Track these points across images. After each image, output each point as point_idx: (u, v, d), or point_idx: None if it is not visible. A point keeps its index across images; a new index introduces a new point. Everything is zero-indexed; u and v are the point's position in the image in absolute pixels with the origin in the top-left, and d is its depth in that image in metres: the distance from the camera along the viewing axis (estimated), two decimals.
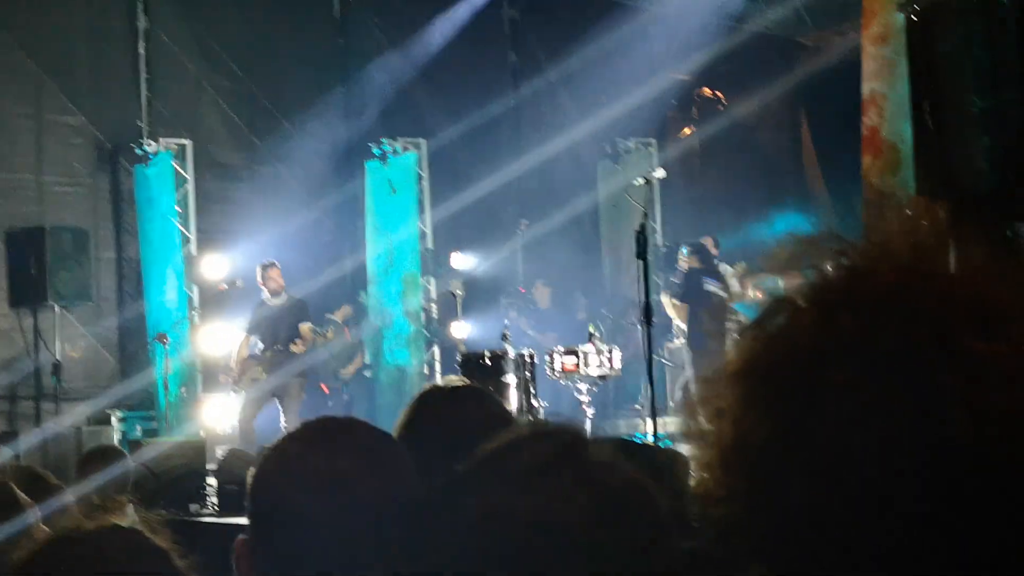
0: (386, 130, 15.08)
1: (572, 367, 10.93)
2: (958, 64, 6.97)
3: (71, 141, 13.98)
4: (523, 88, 16.45)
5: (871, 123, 9.28)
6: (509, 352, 10.70)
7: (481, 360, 10.74)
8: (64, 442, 12.29)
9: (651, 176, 10.48)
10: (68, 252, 13.04)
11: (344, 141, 15.61)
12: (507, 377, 10.57)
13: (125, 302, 14.24)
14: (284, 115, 15.37)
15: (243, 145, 15.26)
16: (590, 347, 10.97)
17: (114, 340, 14.20)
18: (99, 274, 13.90)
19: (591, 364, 10.92)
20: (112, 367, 14.12)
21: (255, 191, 15.05)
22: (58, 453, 11.93)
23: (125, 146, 14.05)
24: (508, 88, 16.46)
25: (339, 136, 15.64)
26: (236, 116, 15.12)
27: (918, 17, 7.11)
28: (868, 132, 9.33)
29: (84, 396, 13.41)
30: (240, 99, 15.12)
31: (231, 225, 14.45)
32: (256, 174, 15.24)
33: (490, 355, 10.71)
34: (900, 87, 8.64)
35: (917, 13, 7.06)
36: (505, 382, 10.55)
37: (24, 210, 13.53)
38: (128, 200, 14.22)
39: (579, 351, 10.94)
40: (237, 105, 15.10)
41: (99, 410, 13.12)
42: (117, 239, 14.33)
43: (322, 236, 15.26)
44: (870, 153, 9.28)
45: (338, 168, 15.55)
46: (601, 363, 10.96)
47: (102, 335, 14.02)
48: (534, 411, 10.66)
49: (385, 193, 14.72)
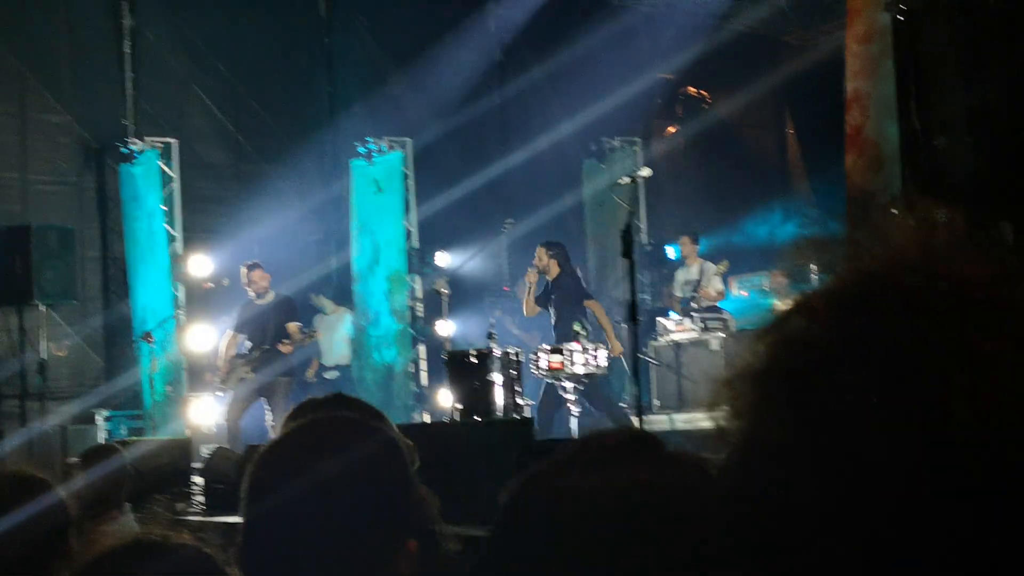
0: (371, 129, 15.09)
1: (558, 365, 10.94)
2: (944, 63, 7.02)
3: (56, 140, 13.95)
4: (508, 87, 16.46)
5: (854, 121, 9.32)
6: (495, 350, 10.71)
7: (467, 358, 10.74)
8: (49, 441, 12.27)
9: (637, 175, 10.50)
10: (53, 251, 13.01)
11: (330, 140, 15.61)
12: (493, 375, 10.58)
13: (111, 301, 14.22)
14: (270, 114, 15.36)
15: (229, 144, 15.24)
16: (576, 345, 10.98)
17: (100, 339, 14.17)
18: (85, 273, 13.88)
19: (577, 363, 10.93)
20: (98, 366, 14.09)
21: (241, 190, 15.04)
22: (43, 452, 11.90)
23: (111, 145, 14.02)
24: (493, 87, 16.47)
25: (325, 135, 15.65)
26: (222, 115, 15.10)
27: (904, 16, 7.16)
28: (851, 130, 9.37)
29: (70, 395, 13.39)
30: (226, 98, 15.10)
31: (217, 224, 14.44)
32: (242, 173, 15.23)
33: (476, 353, 10.71)
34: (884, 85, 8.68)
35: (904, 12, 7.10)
36: (491, 380, 10.56)
37: (9, 209, 13.50)
38: (114, 199, 14.19)
39: (565, 349, 10.95)
40: (223, 104, 15.08)
41: (85, 409, 13.09)
42: (103, 238, 14.30)
43: (308, 235, 15.26)
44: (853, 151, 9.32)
45: (324, 167, 15.55)
46: (587, 362, 10.97)
47: (88, 334, 13.99)
48: (519, 409, 10.67)
49: (371, 192, 14.71)
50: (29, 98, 13.76)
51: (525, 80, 16.36)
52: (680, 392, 13.10)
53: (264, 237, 13.66)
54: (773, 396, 0.89)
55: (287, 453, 1.94)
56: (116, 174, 14.08)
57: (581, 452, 1.27)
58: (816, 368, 0.86)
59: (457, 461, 7.66)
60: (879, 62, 8.93)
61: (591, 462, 1.23)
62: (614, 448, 1.25)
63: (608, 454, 1.22)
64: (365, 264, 14.56)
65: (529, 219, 15.03)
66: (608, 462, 1.21)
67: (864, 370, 0.84)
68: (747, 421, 0.90)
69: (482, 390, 10.48)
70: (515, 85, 16.39)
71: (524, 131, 16.09)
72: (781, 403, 0.88)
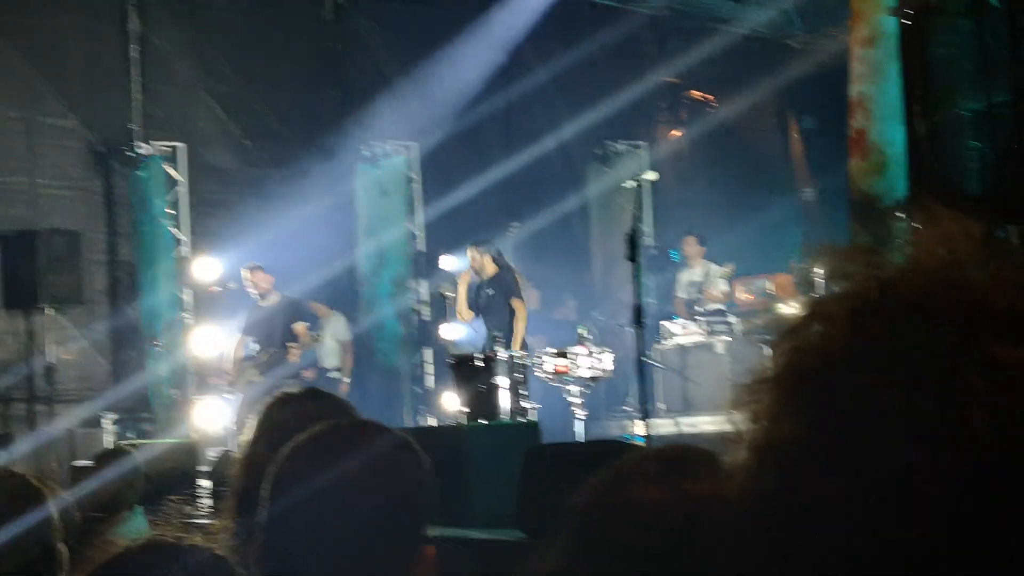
0: (377, 133, 15.12)
1: (563, 369, 10.94)
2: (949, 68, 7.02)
3: (64, 144, 13.96)
4: (514, 91, 16.47)
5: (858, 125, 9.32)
6: (500, 354, 10.72)
7: (472, 362, 10.75)
8: (57, 445, 12.28)
9: (642, 178, 10.51)
10: (61, 255, 13.02)
11: (336, 144, 15.62)
12: (498, 379, 10.58)
13: (118, 305, 14.22)
14: (276, 118, 15.37)
15: (236, 148, 15.25)
16: (581, 349, 10.98)
17: (107, 343, 14.17)
18: (92, 277, 13.88)
19: (582, 366, 10.93)
20: (105, 370, 14.10)
21: (248, 194, 15.05)
22: (51, 456, 11.91)
23: (118, 149, 14.03)
24: (499, 91, 16.48)
25: (331, 139, 15.66)
26: (229, 119, 15.11)
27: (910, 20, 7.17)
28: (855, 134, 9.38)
29: (77, 399, 13.39)
30: (233, 102, 15.10)
31: (223, 227, 14.44)
32: (248, 177, 15.24)
33: (481, 357, 10.72)
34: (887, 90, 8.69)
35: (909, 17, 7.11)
36: (496, 383, 10.56)
37: (17, 213, 13.51)
38: (121, 203, 14.20)
39: (570, 353, 10.95)
40: (230, 108, 15.09)
41: (92, 413, 13.10)
42: (110, 242, 14.30)
43: (314, 238, 15.25)
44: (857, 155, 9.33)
45: (330, 170, 15.55)
46: (592, 365, 10.97)
47: (95, 338, 14.00)
48: (525, 412, 10.67)
49: (376, 195, 14.75)
50: (37, 102, 13.77)
51: (530, 84, 16.35)
52: (685, 395, 13.09)
53: (270, 241, 13.66)
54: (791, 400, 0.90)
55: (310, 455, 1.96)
56: (123, 178, 14.09)
57: (644, 464, 1.29)
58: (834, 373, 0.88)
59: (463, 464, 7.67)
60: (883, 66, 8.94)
61: (655, 474, 1.25)
62: (674, 460, 1.27)
63: (668, 466, 1.25)
64: (371, 267, 14.59)
65: (534, 223, 15.05)
66: (670, 474, 1.23)
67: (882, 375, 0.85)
68: (764, 425, 0.92)
69: (488, 393, 10.49)
70: (520, 89, 16.38)
71: (529, 135, 16.09)
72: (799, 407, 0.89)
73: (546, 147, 16.11)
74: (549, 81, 16.36)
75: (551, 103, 16.66)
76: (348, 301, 14.92)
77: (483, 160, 15.35)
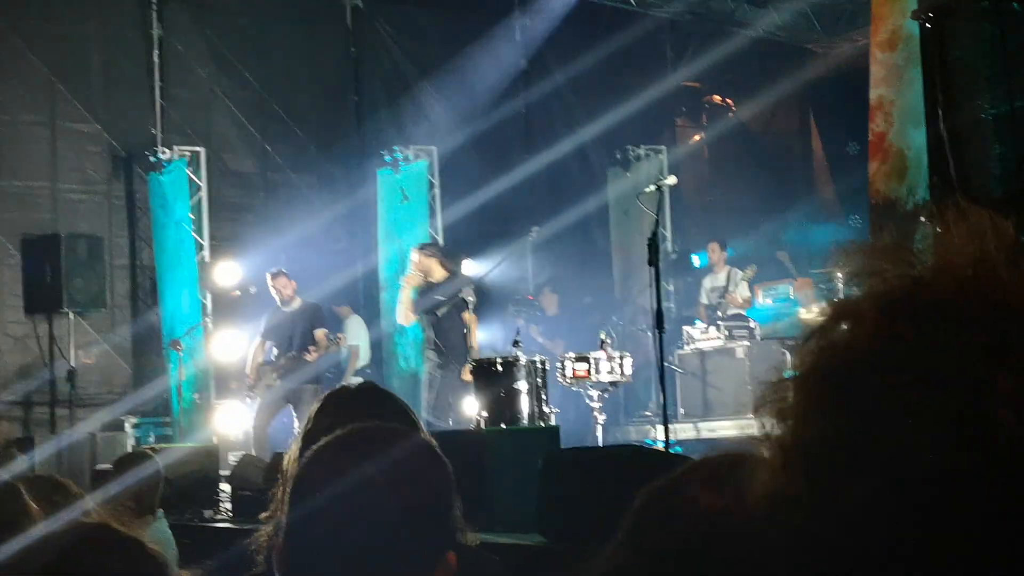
0: (397, 137, 15.15)
1: (583, 373, 10.91)
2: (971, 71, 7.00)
3: (85, 149, 14.03)
4: (533, 95, 16.47)
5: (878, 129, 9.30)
6: (521, 358, 10.69)
7: (492, 366, 10.70)
8: (79, 449, 12.31)
9: (662, 183, 10.47)
10: (83, 259, 13.07)
11: (356, 148, 15.65)
12: (519, 383, 10.55)
13: (139, 309, 14.28)
14: (296, 123, 15.41)
15: (256, 152, 15.29)
16: (601, 354, 10.95)
17: (128, 347, 14.23)
18: (113, 281, 13.94)
19: (602, 371, 10.90)
20: (126, 374, 14.15)
21: (268, 198, 15.10)
22: (73, 460, 11.95)
23: (139, 154, 14.08)
24: (518, 95, 16.49)
25: (351, 143, 15.70)
26: (249, 124, 15.15)
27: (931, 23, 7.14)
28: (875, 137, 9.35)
29: (99, 403, 13.45)
30: (253, 107, 15.15)
31: (244, 232, 14.49)
32: (269, 181, 15.29)
33: (501, 361, 10.69)
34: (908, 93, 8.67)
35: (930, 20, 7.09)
36: (517, 388, 10.53)
37: (39, 217, 13.59)
38: (142, 207, 14.26)
39: (590, 358, 10.93)
40: (250, 113, 15.13)
41: (114, 417, 13.15)
42: (131, 246, 14.36)
43: (334, 243, 15.29)
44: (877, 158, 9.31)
45: (350, 175, 15.58)
46: (612, 369, 10.95)
47: (116, 342, 14.06)
48: (545, 417, 10.65)
49: (396, 200, 14.76)
50: (59, 107, 13.84)
51: (550, 88, 16.36)
52: (705, 400, 13.07)
53: (291, 245, 13.70)
54: (818, 399, 0.90)
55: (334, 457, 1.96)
56: (145, 183, 14.14)
57: (701, 469, 1.29)
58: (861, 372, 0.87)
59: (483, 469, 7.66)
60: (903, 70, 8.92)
61: (708, 479, 1.25)
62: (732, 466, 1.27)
63: (721, 474, 1.24)
64: (391, 272, 14.59)
65: (554, 227, 15.04)
66: (724, 482, 1.23)
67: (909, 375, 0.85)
68: (791, 424, 0.92)
69: (508, 398, 10.46)
70: (540, 93, 16.39)
71: (549, 139, 16.11)
72: (826, 406, 0.89)
73: (566, 151, 16.10)
74: (569, 85, 16.37)
75: (571, 107, 16.67)
76: (368, 306, 14.94)
77: (503, 164, 15.36)
